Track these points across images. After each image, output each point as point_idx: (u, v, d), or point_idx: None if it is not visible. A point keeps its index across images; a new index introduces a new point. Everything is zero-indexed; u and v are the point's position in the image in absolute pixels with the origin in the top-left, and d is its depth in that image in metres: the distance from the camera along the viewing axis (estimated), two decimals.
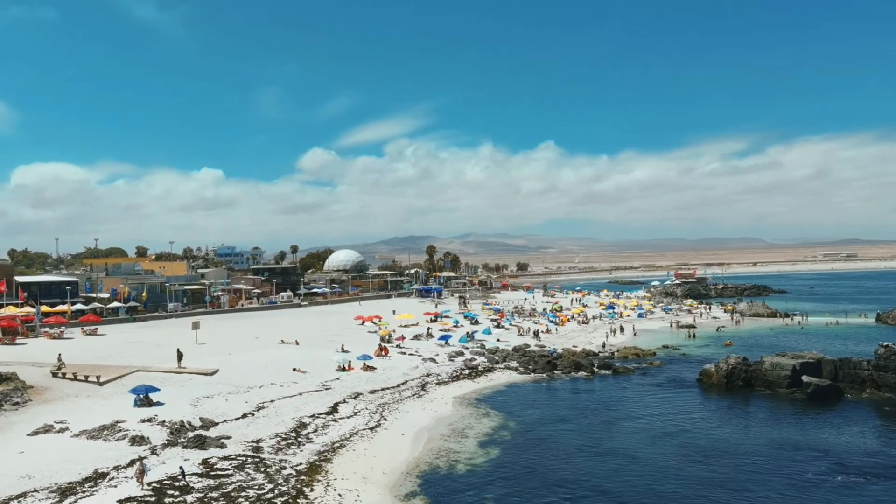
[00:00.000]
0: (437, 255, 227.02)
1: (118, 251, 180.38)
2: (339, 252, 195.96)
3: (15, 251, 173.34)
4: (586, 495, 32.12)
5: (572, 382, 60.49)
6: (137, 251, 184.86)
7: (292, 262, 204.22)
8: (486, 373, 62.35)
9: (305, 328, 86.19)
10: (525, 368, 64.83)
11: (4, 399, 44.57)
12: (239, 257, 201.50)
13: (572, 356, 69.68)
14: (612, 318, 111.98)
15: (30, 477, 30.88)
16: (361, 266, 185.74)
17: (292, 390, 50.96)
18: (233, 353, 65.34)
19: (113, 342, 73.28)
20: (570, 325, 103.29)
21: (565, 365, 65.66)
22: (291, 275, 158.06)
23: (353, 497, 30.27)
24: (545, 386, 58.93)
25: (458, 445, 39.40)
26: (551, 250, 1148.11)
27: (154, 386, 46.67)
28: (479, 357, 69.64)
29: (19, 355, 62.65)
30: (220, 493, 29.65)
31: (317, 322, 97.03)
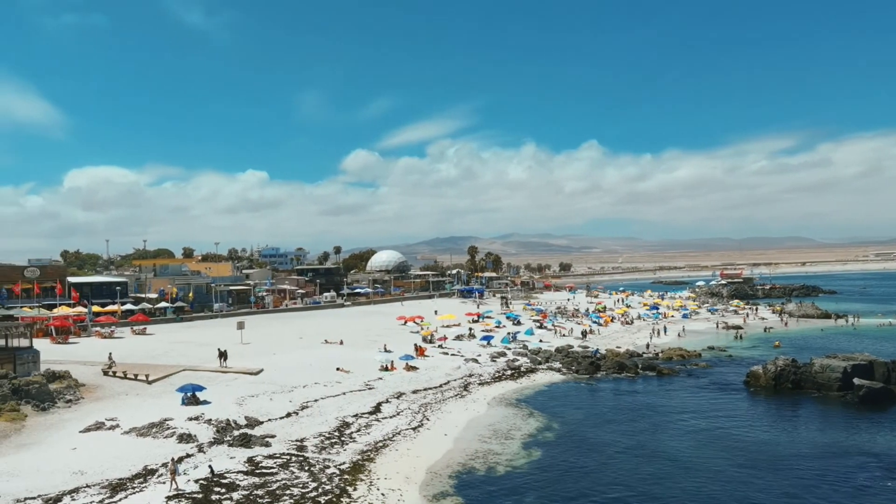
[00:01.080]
0: (478, 255, 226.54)
1: (166, 252, 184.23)
2: (381, 253, 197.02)
3: (68, 252, 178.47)
4: (629, 499, 31.68)
5: (616, 383, 59.75)
6: (184, 252, 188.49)
7: (335, 262, 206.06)
8: (528, 373, 61.98)
9: (348, 328, 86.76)
10: (568, 369, 64.28)
11: (58, 396, 45.79)
12: (283, 258, 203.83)
13: (616, 357, 68.85)
14: (656, 319, 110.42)
15: (82, 472, 31.64)
16: (403, 267, 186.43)
17: (336, 390, 51.31)
18: (277, 353, 66.08)
19: (161, 341, 74.75)
20: (614, 326, 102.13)
21: (609, 366, 64.92)
22: (335, 275, 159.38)
23: (395, 497, 30.31)
24: (588, 387, 58.33)
25: (501, 447, 39.18)
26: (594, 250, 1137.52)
27: (201, 385, 47.45)
28: (521, 358, 69.27)
29: (72, 354, 64.29)
30: (266, 491, 29.97)
31: (360, 322, 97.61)
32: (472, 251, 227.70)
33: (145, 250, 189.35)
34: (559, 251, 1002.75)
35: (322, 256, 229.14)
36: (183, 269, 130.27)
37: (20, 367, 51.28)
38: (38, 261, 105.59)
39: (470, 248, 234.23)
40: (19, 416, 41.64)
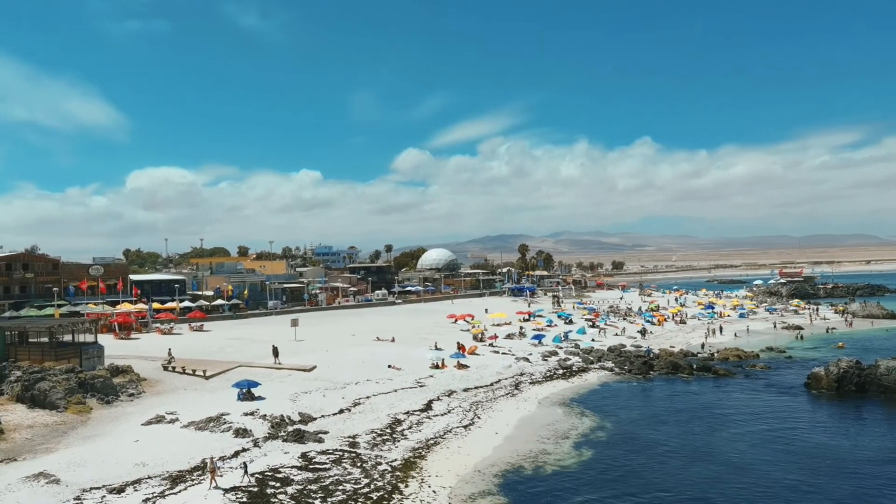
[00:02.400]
0: (529, 253, 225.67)
1: (222, 251, 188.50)
2: (431, 251, 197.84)
3: (129, 251, 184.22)
4: (681, 502, 31.19)
5: (669, 384, 58.83)
6: (239, 251, 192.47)
7: (386, 261, 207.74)
8: (580, 373, 61.50)
9: (399, 326, 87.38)
10: (620, 369, 63.55)
11: (121, 390, 47.35)
12: (336, 256, 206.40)
13: (669, 357, 67.76)
14: (712, 319, 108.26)
15: (144, 464, 32.66)
16: (454, 265, 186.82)
17: (387, 387, 51.78)
18: (330, 350, 66.98)
19: (217, 338, 76.50)
20: (668, 325, 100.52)
21: (662, 366, 63.94)
22: (386, 273, 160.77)
23: (446, 494, 30.48)
24: (641, 387, 57.57)
25: (551, 446, 38.99)
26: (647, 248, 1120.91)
27: (256, 381, 48.45)
28: (573, 357, 68.75)
29: (133, 349, 66.32)
30: (319, 486, 30.46)
31: (410, 320, 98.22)
32: (523, 249, 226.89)
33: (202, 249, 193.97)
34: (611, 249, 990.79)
35: (373, 255, 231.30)
36: (238, 267, 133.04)
37: (86, 361, 53.16)
38: (102, 259, 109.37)
39: (521, 246, 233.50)
40: (85, 408, 43.21)
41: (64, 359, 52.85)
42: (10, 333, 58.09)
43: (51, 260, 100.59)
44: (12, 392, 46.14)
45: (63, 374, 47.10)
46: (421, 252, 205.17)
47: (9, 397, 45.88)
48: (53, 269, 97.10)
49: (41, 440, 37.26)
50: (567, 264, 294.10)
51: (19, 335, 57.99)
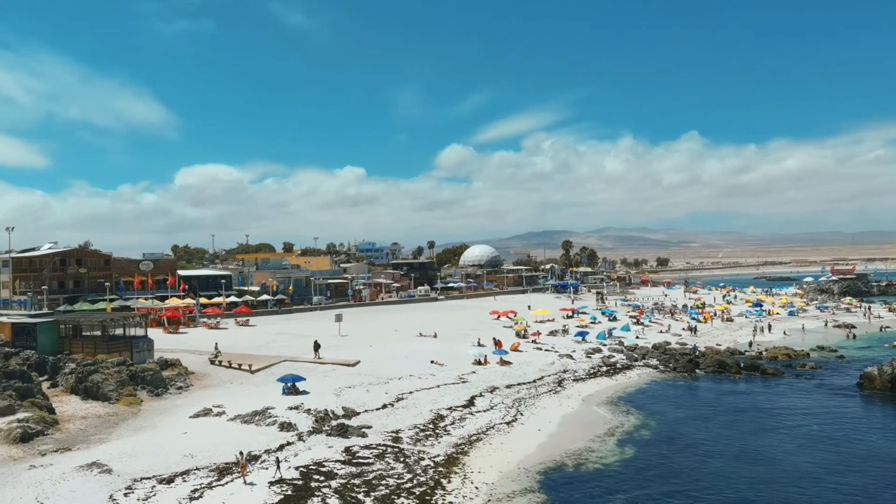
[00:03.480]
0: (573, 250, 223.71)
1: (267, 247, 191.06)
2: (474, 247, 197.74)
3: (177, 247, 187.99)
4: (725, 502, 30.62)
5: (716, 383, 57.78)
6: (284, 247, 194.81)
7: (429, 257, 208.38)
8: (624, 370, 60.80)
9: (442, 322, 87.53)
10: (665, 367, 62.65)
11: (170, 383, 48.39)
12: (379, 252, 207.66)
13: (716, 355, 66.53)
14: (760, 316, 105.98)
15: (192, 455, 33.30)
16: (496, 261, 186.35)
17: (430, 382, 51.89)
18: (373, 345, 67.42)
19: (263, 333, 77.60)
20: (714, 323, 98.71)
21: (708, 364, 62.80)
22: (428, 269, 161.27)
23: (488, 490, 30.43)
24: (687, 385, 56.67)
25: (594, 443, 38.63)
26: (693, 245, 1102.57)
27: (300, 375, 48.98)
28: (617, 354, 68.02)
29: (181, 343, 67.69)
30: (362, 481, 30.68)
31: (453, 316, 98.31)
32: (567, 245, 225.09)
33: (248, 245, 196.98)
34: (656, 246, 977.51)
35: (416, 251, 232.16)
36: (283, 262, 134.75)
37: (136, 354, 54.54)
38: (151, 255, 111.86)
39: (564, 242, 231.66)
40: (136, 400, 44.28)
41: (115, 352, 54.31)
42: (64, 327, 59.88)
43: (103, 255, 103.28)
44: (67, 384, 47.56)
45: (115, 366, 48.36)
46: (463, 248, 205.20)
47: (63, 389, 47.30)
48: (105, 265, 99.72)
49: (94, 431, 38.29)
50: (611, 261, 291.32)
51: (73, 329, 59.75)
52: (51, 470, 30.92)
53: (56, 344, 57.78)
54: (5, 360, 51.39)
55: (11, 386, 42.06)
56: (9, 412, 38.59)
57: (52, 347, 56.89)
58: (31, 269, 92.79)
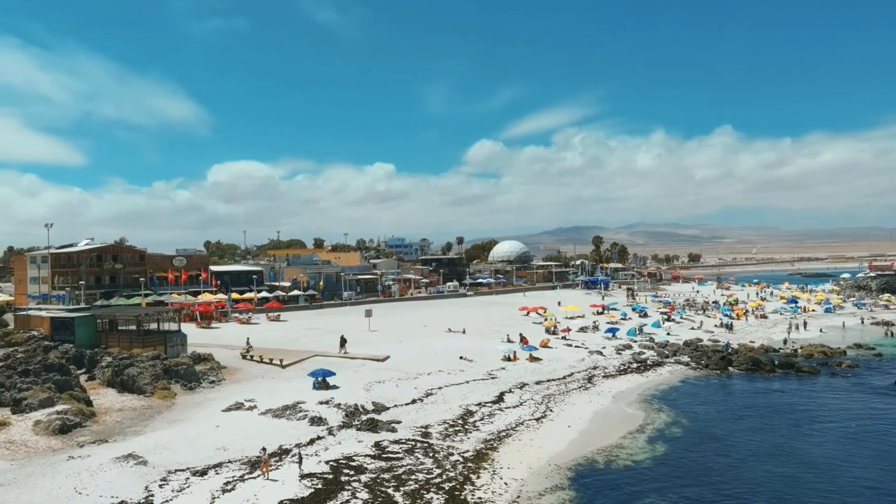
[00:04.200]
0: (603, 245, 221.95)
1: (298, 242, 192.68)
2: (503, 243, 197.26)
3: (210, 243, 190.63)
4: (757, 501, 30.28)
5: (749, 380, 57.02)
6: (315, 242, 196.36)
7: (458, 253, 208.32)
8: (655, 367, 60.30)
9: (471, 318, 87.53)
10: (697, 364, 61.98)
11: (203, 377, 49.12)
12: (408, 248, 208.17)
13: (749, 352, 65.66)
14: (795, 313, 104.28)
15: (224, 449, 33.80)
16: (526, 257, 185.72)
17: (459, 378, 51.98)
18: (403, 341, 67.68)
19: (293, 328, 78.33)
20: (748, 320, 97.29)
21: (741, 361, 61.96)
22: (457, 265, 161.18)
23: (518, 486, 30.44)
24: (719, 383, 56.01)
25: (626, 440, 38.41)
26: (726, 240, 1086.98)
27: (330, 370, 49.39)
28: (647, 351, 67.47)
29: (214, 338, 68.59)
30: (392, 475, 30.88)
31: (482, 312, 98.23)
32: (597, 241, 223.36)
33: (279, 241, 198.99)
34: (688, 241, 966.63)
35: (445, 247, 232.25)
36: (314, 258, 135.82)
37: (170, 349, 55.44)
38: (184, 251, 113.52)
39: (595, 238, 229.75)
40: (170, 394, 45.03)
41: (150, 346, 55.30)
42: (101, 321, 61.12)
43: (138, 251, 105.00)
44: (103, 377, 48.55)
45: (149, 360, 49.26)
46: (493, 244, 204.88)
47: (100, 382, 48.28)
48: (140, 260, 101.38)
49: (130, 423, 39.04)
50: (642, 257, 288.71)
51: (109, 323, 60.95)
52: (88, 461, 31.62)
53: (93, 338, 59.00)
54: (45, 354, 52.66)
55: (51, 379, 43.06)
56: (48, 404, 39.55)
57: (89, 341, 58.10)
58: (69, 264, 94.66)
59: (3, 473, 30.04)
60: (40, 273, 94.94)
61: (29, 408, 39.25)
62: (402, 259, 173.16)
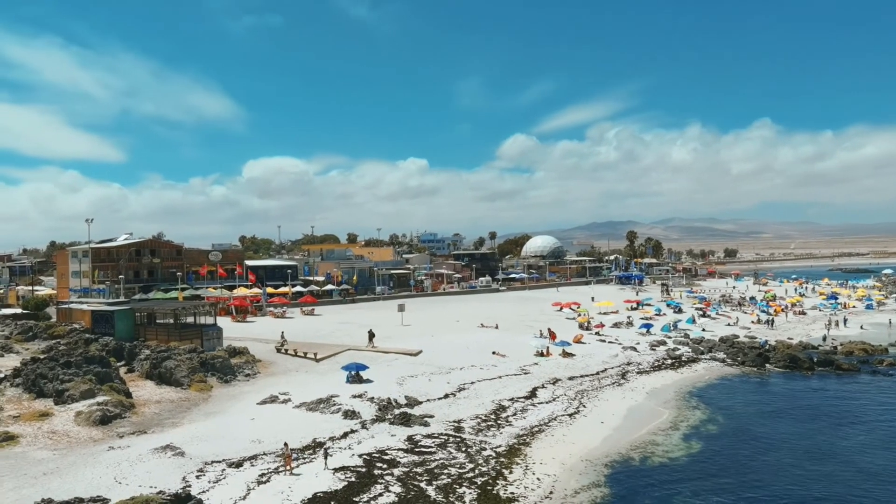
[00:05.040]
0: (637, 240, 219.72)
1: (331, 238, 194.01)
2: (536, 238, 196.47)
3: (245, 237, 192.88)
4: (794, 499, 29.78)
5: (787, 378, 56.04)
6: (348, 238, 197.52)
7: (491, 248, 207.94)
8: (690, 363, 59.57)
9: (504, 313, 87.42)
10: (733, 360, 61.08)
11: (238, 370, 49.76)
12: (441, 243, 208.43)
13: (787, 349, 64.46)
14: (835, 310, 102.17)
15: (259, 441, 34.22)
16: (559, 252, 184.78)
17: (492, 373, 51.94)
18: (435, 335, 67.81)
19: (327, 322, 78.92)
20: (788, 316, 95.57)
21: (779, 358, 60.86)
22: (490, 260, 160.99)
23: (551, 482, 30.32)
24: (756, 380, 55.13)
25: (660, 437, 38.03)
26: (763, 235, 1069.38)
27: (364, 364, 49.71)
28: (682, 347, 66.71)
29: (249, 332, 69.46)
30: (424, 469, 30.98)
31: (515, 307, 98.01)
32: (631, 236, 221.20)
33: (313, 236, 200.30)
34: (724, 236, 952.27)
35: (478, 242, 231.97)
36: (347, 253, 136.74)
37: (206, 342, 56.28)
38: (220, 245, 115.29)
39: (628, 233, 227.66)
40: (206, 386, 45.73)
41: (187, 339, 56.17)
42: (139, 315, 62.26)
43: (175, 246, 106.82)
44: (142, 369, 49.47)
45: (186, 353, 50.02)
46: (525, 239, 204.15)
47: (139, 374, 49.22)
48: (177, 255, 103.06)
49: (167, 415, 39.74)
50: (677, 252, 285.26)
51: (148, 316, 62.04)
52: (128, 451, 32.26)
53: (132, 331, 60.15)
54: (86, 346, 53.86)
55: (91, 371, 43.97)
56: (89, 396, 40.42)
57: (128, 334, 59.25)
58: (108, 259, 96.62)
59: (46, 462, 30.80)
60: (81, 267, 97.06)
61: (71, 399, 40.16)
62: (435, 254, 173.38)
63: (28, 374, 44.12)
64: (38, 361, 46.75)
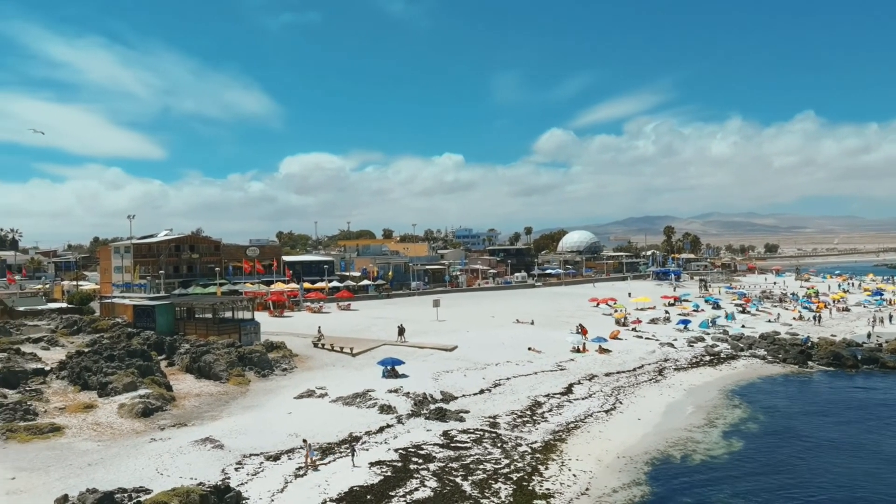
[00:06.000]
0: (675, 235, 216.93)
1: (367, 233, 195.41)
2: (572, 233, 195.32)
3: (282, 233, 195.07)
4: (838, 499, 29.16)
5: (830, 376, 54.86)
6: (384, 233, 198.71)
7: (526, 243, 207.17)
8: (729, 360, 58.64)
9: (539, 309, 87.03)
10: (774, 357, 59.96)
11: (275, 365, 50.34)
12: (475, 239, 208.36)
13: (830, 346, 63.03)
14: (880, 306, 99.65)
15: (296, 435, 34.56)
16: (595, 247, 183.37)
17: (527, 369, 51.76)
18: (470, 331, 67.80)
19: (363, 317, 79.43)
20: (832, 313, 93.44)
21: (821, 356, 59.56)
22: (525, 256, 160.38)
23: (587, 478, 30.11)
24: (798, 378, 54.05)
25: (698, 434, 37.52)
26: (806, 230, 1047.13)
27: (399, 359, 49.92)
28: (721, 343, 65.69)
29: (286, 326, 70.20)
30: (460, 465, 31.00)
31: (550, 303, 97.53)
32: (669, 231, 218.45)
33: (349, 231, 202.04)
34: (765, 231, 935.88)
35: (513, 237, 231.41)
36: (383, 249, 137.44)
37: (244, 336, 57.03)
38: (257, 241, 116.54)
39: (666, 228, 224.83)
40: (244, 380, 46.34)
41: (225, 334, 57.03)
42: (179, 309, 63.35)
43: (213, 242, 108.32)
44: (182, 363, 50.36)
45: (225, 348, 50.79)
46: (561, 234, 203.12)
47: (179, 368, 50.10)
48: (216, 251, 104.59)
49: (207, 408, 40.37)
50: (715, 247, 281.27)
51: (187, 311, 63.11)
52: (169, 443, 32.86)
53: (172, 325, 61.26)
54: (128, 340, 54.99)
55: (134, 364, 44.90)
56: (132, 388, 41.27)
57: (168, 328, 60.37)
58: (149, 254, 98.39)
59: (91, 453, 31.53)
60: (123, 262, 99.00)
61: (114, 391, 41.04)
62: (470, 249, 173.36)
63: (73, 366, 45.25)
64: (83, 355, 47.94)
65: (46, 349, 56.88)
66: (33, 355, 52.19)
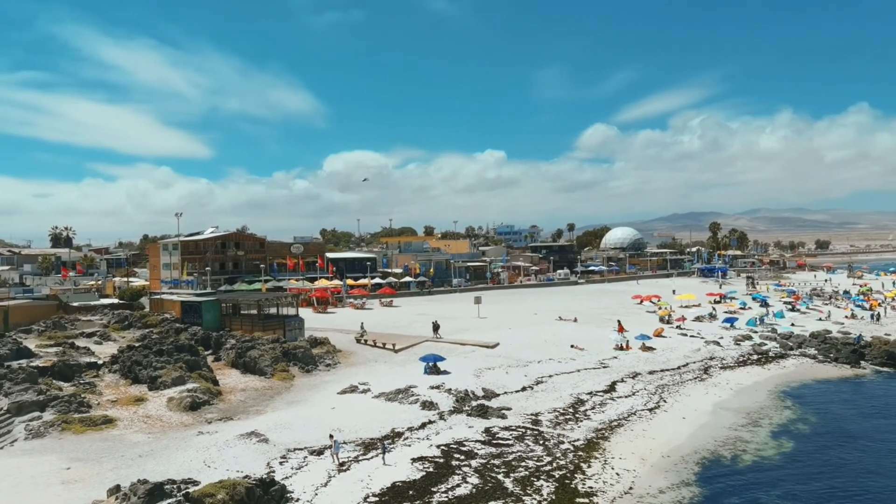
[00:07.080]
0: (721, 232, 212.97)
1: (409, 230, 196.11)
2: (615, 230, 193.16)
3: (325, 230, 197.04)
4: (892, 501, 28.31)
5: (884, 376, 53.29)
6: (425, 230, 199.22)
7: (569, 240, 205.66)
8: (777, 359, 57.38)
9: (582, 306, 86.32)
10: (825, 357, 58.46)
11: (319, 360, 50.91)
12: (517, 235, 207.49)
13: (884, 346, 61.17)
14: None
15: (339, 430, 34.90)
16: (639, 244, 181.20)
17: (570, 367, 51.41)
18: (512, 328, 67.60)
19: (405, 313, 79.78)
20: (883, 311, 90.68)
21: (875, 355, 57.85)
22: (568, 252, 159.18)
23: (630, 477, 29.80)
24: (850, 377, 52.62)
25: (746, 434, 36.81)
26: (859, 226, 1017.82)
27: (441, 356, 50.02)
28: (769, 342, 64.28)
29: (330, 322, 70.92)
30: (502, 462, 30.96)
31: (593, 300, 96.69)
32: (715, 228, 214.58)
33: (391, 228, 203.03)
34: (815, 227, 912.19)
35: (555, 234, 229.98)
36: (425, 246, 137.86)
37: (289, 332, 57.81)
38: (301, 238, 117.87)
39: (712, 224, 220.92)
40: (288, 376, 46.99)
41: (270, 330, 57.84)
42: (225, 305, 64.47)
43: (258, 239, 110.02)
44: (228, 358, 51.25)
45: (269, 343, 51.52)
46: (604, 231, 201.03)
47: (225, 363, 51.00)
48: (260, 248, 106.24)
49: (252, 403, 41.05)
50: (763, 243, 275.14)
51: (233, 307, 64.19)
52: (216, 437, 33.50)
53: (218, 321, 62.37)
54: (176, 335, 56.20)
55: (182, 359, 45.89)
56: (180, 382, 42.18)
57: (214, 324, 61.48)
58: (196, 251, 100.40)
59: (142, 445, 32.34)
60: (171, 259, 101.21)
61: (163, 385, 42.00)
62: (511, 246, 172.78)
63: (124, 360, 46.44)
64: (134, 349, 49.17)
65: (99, 343, 58.45)
66: (87, 349, 53.70)
